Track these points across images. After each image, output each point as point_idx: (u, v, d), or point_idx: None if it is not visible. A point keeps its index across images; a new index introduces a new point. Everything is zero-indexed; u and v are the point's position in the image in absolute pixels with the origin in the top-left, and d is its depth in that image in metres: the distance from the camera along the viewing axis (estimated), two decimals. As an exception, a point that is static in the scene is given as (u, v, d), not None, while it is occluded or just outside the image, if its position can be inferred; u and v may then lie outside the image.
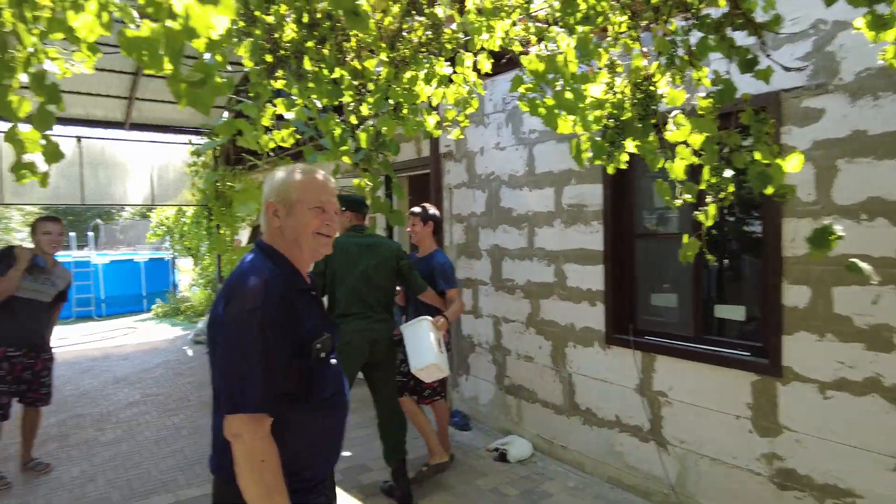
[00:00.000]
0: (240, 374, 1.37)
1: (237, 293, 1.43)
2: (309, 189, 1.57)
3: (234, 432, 1.36)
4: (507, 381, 4.58)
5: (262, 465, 1.34)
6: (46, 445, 4.71)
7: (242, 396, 1.35)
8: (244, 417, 1.35)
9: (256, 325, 1.38)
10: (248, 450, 1.34)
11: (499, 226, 4.59)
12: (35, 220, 4.32)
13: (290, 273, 1.55)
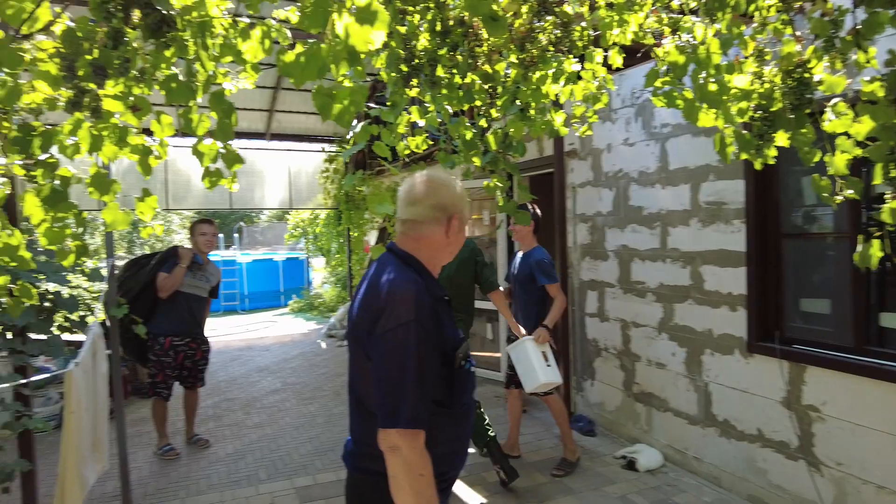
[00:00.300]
0: (398, 389, 1.37)
1: (391, 305, 1.42)
2: (463, 202, 1.62)
3: (391, 445, 1.36)
4: (635, 387, 4.40)
5: (421, 479, 1.35)
6: (206, 424, 5.29)
7: (401, 410, 1.36)
8: (402, 431, 1.35)
9: (413, 339, 1.39)
10: (406, 463, 1.35)
11: (627, 225, 4.42)
12: (192, 222, 4.86)
13: (431, 281, 1.58)
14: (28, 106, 1.55)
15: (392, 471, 1.37)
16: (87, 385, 2.80)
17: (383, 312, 1.42)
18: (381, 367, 1.40)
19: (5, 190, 1.71)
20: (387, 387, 1.38)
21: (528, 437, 4.60)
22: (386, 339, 1.40)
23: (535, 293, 4.02)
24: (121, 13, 1.40)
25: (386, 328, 1.40)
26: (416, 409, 1.36)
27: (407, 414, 1.36)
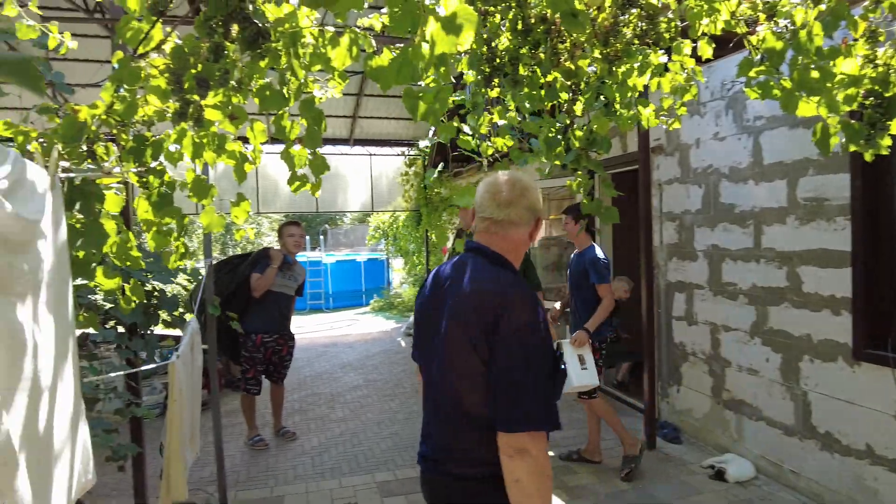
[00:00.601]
0: (528, 391, 1.36)
1: (510, 307, 1.41)
2: (540, 202, 1.63)
3: (519, 447, 1.34)
4: (725, 394, 4.18)
5: (548, 480, 1.35)
6: (292, 417, 5.54)
7: (532, 413, 1.35)
8: (534, 434, 1.34)
9: (537, 340, 1.39)
10: (536, 465, 1.33)
11: (718, 224, 4.20)
12: (281, 225, 5.11)
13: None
14: (142, 118, 1.70)
15: (517, 474, 1.34)
16: (187, 376, 3.01)
17: (503, 314, 1.40)
18: (506, 369, 1.37)
19: (122, 195, 1.88)
20: (514, 389, 1.36)
21: (608, 442, 4.48)
22: (511, 342, 1.38)
23: (589, 292, 4.01)
24: (221, 28, 1.50)
25: (510, 330, 1.38)
26: (547, 410, 1.36)
27: (538, 416, 1.35)
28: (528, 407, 1.35)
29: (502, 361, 1.38)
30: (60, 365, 1.32)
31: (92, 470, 1.55)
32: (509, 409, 1.36)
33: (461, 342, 1.46)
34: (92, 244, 1.65)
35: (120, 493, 3.79)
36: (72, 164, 1.60)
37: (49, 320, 1.25)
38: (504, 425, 1.37)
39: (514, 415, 1.35)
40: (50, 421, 1.23)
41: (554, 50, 1.90)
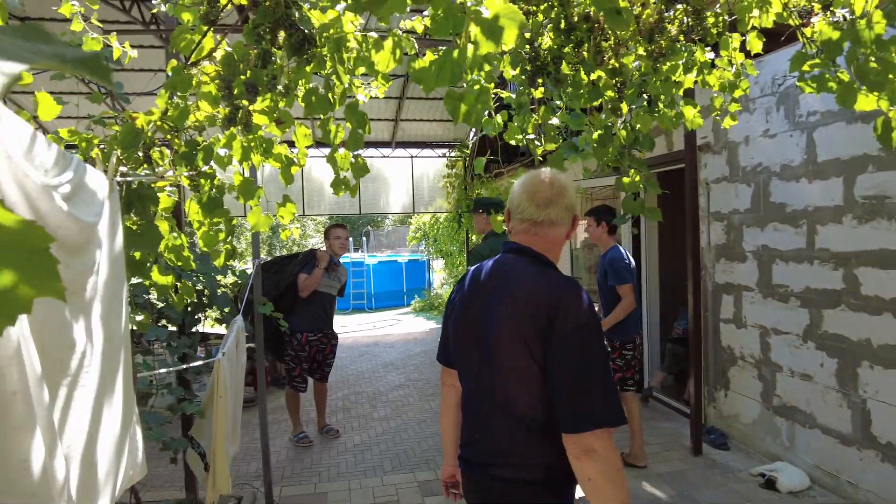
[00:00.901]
0: (589, 389, 1.35)
1: (566, 307, 1.40)
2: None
3: (586, 447, 1.33)
4: (776, 400, 4.03)
5: (619, 474, 1.35)
6: (335, 415, 5.63)
7: (594, 411, 1.34)
8: (599, 433, 1.33)
9: (596, 338, 1.39)
10: (605, 462, 1.33)
11: (768, 223, 4.06)
12: (327, 227, 5.21)
13: None
14: (194, 124, 1.77)
15: (588, 473, 1.34)
16: (231, 373, 3.10)
17: (557, 314, 1.39)
18: (566, 370, 1.37)
19: (174, 198, 1.96)
20: (576, 390, 1.36)
21: (653, 447, 4.39)
22: (570, 342, 1.37)
23: (609, 293, 4.01)
24: (269, 35, 1.54)
25: (567, 330, 1.37)
26: (608, 406, 1.35)
27: (602, 414, 1.34)
28: (591, 406, 1.34)
29: (562, 362, 1.37)
30: (111, 363, 1.36)
31: (141, 464, 1.61)
32: (572, 410, 1.36)
33: (514, 344, 1.43)
34: (147, 245, 1.72)
35: (171, 485, 3.94)
36: (129, 169, 1.68)
37: (100, 320, 1.30)
38: (568, 427, 1.36)
39: (577, 415, 1.35)
40: (97, 415, 1.27)
41: (597, 48, 1.88)
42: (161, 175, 1.72)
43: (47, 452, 0.98)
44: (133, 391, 1.57)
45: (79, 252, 1.19)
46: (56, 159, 1.11)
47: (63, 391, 1.11)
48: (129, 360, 1.52)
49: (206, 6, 1.53)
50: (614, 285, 3.95)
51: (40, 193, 0.98)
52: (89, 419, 1.22)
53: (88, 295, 1.22)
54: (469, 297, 1.63)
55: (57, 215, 1.04)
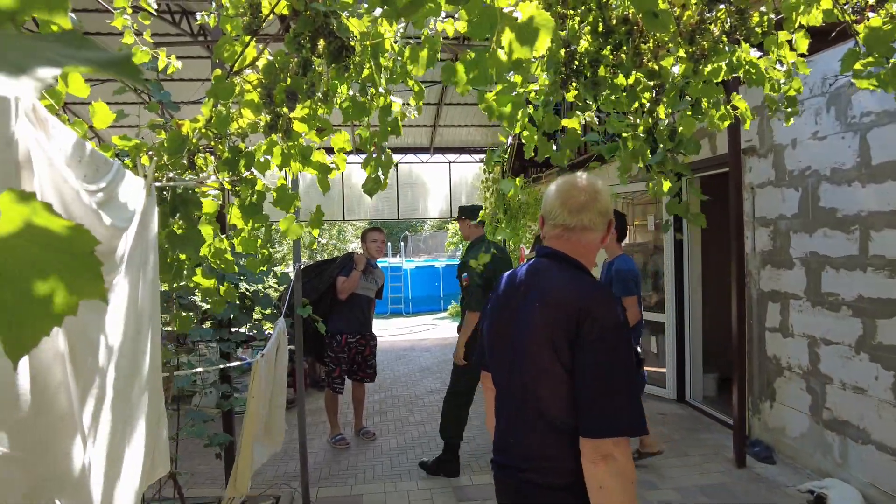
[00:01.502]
0: (615, 396, 1.35)
1: (595, 311, 1.39)
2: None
3: (605, 453, 1.32)
4: (826, 413, 3.87)
5: (632, 486, 1.34)
6: (372, 418, 5.68)
7: (620, 418, 1.33)
8: (618, 440, 1.32)
9: (624, 344, 1.37)
10: (623, 472, 1.32)
11: (817, 229, 3.91)
12: (364, 230, 5.28)
13: None
14: (236, 131, 1.82)
15: (601, 480, 1.33)
16: (269, 374, 3.16)
17: (585, 318, 1.38)
18: (591, 375, 1.36)
19: (217, 203, 2.02)
20: (600, 395, 1.35)
21: (694, 458, 4.27)
22: (595, 347, 1.36)
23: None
24: (309, 43, 1.58)
25: (593, 335, 1.37)
26: (632, 415, 1.34)
27: (626, 421, 1.33)
28: (614, 412, 1.33)
29: (587, 366, 1.37)
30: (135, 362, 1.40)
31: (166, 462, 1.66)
32: (594, 415, 1.34)
33: (543, 348, 1.44)
34: (190, 248, 1.78)
35: (213, 482, 4.04)
36: (175, 175, 1.74)
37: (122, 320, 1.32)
38: (588, 431, 1.34)
39: (599, 420, 1.34)
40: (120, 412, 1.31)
41: (636, 50, 1.86)
42: (203, 181, 1.77)
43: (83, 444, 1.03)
44: (160, 389, 1.61)
45: (105, 256, 1.24)
46: (96, 165, 1.17)
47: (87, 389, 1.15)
48: (158, 360, 1.57)
49: (249, 17, 1.58)
50: (620, 296, 3.87)
51: (75, 198, 1.02)
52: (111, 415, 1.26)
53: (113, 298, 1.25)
54: (502, 301, 1.63)
55: (88, 219, 1.09)
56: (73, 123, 1.57)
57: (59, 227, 0.42)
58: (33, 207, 0.41)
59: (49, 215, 0.42)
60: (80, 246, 0.44)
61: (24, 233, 0.41)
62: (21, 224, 0.41)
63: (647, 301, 6.19)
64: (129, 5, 1.95)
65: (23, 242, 0.41)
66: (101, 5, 3.82)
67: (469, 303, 4.25)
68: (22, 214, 0.41)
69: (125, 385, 1.34)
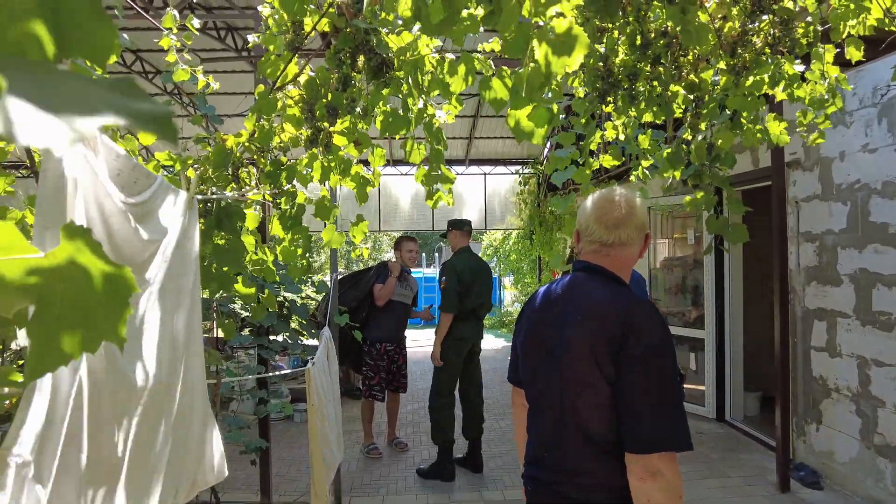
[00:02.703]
0: (659, 411, 1.34)
1: (638, 325, 1.39)
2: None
3: (654, 470, 1.32)
4: (878, 438, 3.69)
5: (679, 500, 1.33)
6: (405, 429, 5.68)
7: (665, 433, 1.33)
8: (665, 455, 1.32)
9: (669, 359, 1.37)
10: (671, 488, 1.32)
11: (867, 245, 3.76)
12: (398, 238, 5.33)
13: None
14: (278, 145, 1.88)
15: (649, 496, 1.32)
16: (324, 382, 3.20)
17: (630, 333, 1.37)
18: (637, 390, 1.36)
19: (259, 214, 2.08)
20: (646, 410, 1.34)
21: (735, 479, 4.13)
22: (641, 362, 1.35)
23: None
24: (349, 60, 1.62)
25: (639, 350, 1.36)
26: (681, 430, 1.33)
27: (672, 436, 1.33)
28: (660, 428, 1.32)
29: (632, 381, 1.36)
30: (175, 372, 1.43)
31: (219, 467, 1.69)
32: (640, 431, 1.34)
33: (584, 362, 1.43)
34: (233, 259, 1.83)
35: (248, 488, 4.11)
36: (218, 188, 1.80)
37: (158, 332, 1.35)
38: (635, 447, 1.34)
39: (645, 436, 1.33)
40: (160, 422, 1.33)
41: (675, 63, 1.84)
42: (242, 195, 1.83)
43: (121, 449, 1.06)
44: (209, 397, 1.65)
45: (138, 268, 1.27)
46: (137, 178, 1.21)
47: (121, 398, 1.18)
48: (202, 370, 1.60)
49: (292, 34, 1.63)
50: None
51: (115, 211, 1.07)
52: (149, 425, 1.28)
53: (141, 308, 1.28)
54: (539, 314, 1.62)
55: (126, 232, 1.13)
56: (124, 139, 1.64)
57: (101, 268, 0.44)
58: (79, 245, 0.43)
59: (95, 256, 0.44)
60: (120, 288, 0.45)
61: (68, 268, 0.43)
62: (66, 259, 0.43)
63: (686, 317, 6.05)
64: (175, 27, 2.04)
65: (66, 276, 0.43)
66: (152, 24, 3.99)
67: (444, 304, 4.59)
68: (71, 250, 0.43)
69: (167, 393, 1.37)
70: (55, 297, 0.43)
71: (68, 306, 0.44)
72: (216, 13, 6.30)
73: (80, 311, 0.45)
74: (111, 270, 0.44)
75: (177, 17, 2.04)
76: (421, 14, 1.22)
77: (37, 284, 0.42)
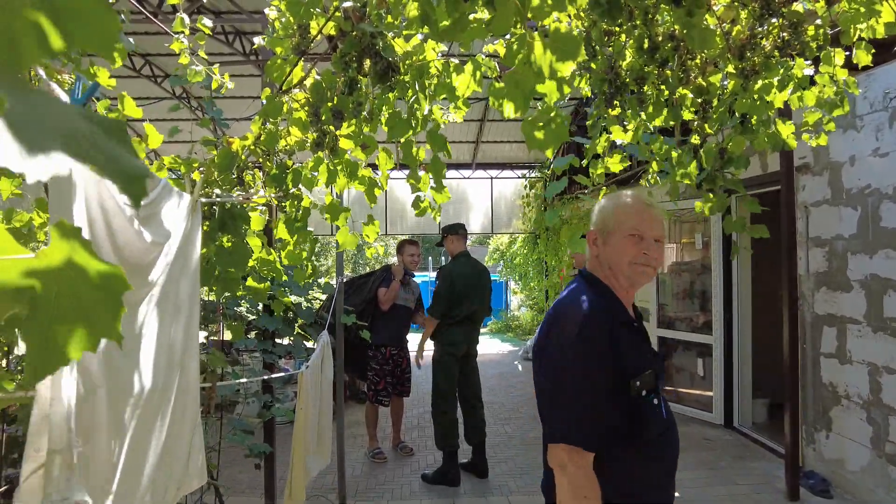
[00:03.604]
0: (560, 404, 1.39)
1: (559, 321, 1.46)
2: (624, 216, 1.52)
3: (558, 462, 1.36)
4: (889, 447, 3.64)
5: (585, 501, 1.31)
6: (410, 433, 5.66)
7: (564, 426, 1.37)
8: (567, 448, 1.35)
9: (576, 355, 1.38)
10: (571, 482, 1.34)
11: (878, 250, 3.72)
12: (400, 242, 5.32)
13: (612, 303, 1.50)
14: (284, 148, 1.88)
15: (559, 487, 1.36)
16: (315, 386, 3.20)
17: (553, 327, 1.46)
18: (545, 380, 1.44)
19: (265, 217, 2.08)
20: (550, 401, 1.42)
21: (742, 487, 4.08)
22: (550, 353, 1.44)
23: None
24: (355, 63, 1.62)
25: (551, 342, 1.45)
26: (579, 427, 1.35)
27: (570, 430, 1.36)
28: (559, 420, 1.39)
29: (541, 373, 1.46)
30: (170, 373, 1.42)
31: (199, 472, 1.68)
32: (546, 420, 1.44)
33: (535, 354, 1.53)
34: (237, 262, 1.83)
35: (252, 491, 4.10)
36: (223, 191, 1.80)
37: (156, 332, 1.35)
38: (545, 436, 1.44)
39: (548, 426, 1.42)
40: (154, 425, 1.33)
41: (683, 67, 1.82)
42: (247, 197, 1.83)
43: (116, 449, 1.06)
44: (199, 404, 1.64)
45: (139, 270, 1.27)
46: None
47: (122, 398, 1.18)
48: (196, 374, 1.59)
49: (298, 37, 1.63)
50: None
51: (117, 212, 1.07)
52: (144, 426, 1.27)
53: (140, 310, 1.28)
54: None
55: (128, 234, 1.13)
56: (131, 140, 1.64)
57: (95, 267, 0.44)
58: (74, 245, 0.43)
59: (88, 255, 0.44)
60: (114, 287, 0.45)
61: (64, 268, 0.43)
62: (62, 259, 0.43)
63: (694, 322, 6.01)
64: (186, 29, 2.04)
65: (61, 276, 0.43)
66: (161, 28, 4.02)
67: (431, 308, 4.56)
68: (64, 250, 0.43)
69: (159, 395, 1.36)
70: (50, 298, 0.42)
71: (65, 306, 0.44)
72: (224, 17, 6.34)
73: (77, 310, 0.44)
74: (104, 269, 0.44)
75: (186, 21, 2.05)
76: (429, 19, 1.22)
77: (30, 286, 0.42)
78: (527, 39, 1.05)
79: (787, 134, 2.21)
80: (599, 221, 1.57)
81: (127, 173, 0.36)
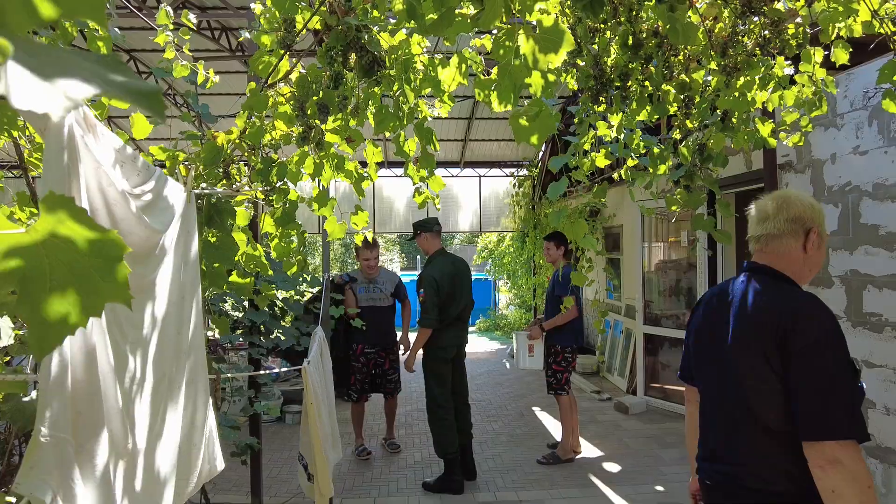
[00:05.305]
0: (838, 399, 1.38)
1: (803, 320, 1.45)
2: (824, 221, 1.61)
3: (831, 458, 1.35)
4: (870, 440, 3.70)
5: (869, 492, 1.34)
6: (398, 431, 5.67)
7: (845, 421, 1.36)
8: (844, 443, 1.35)
9: (837, 351, 1.42)
10: (853, 476, 1.33)
11: (858, 247, 3.79)
12: (357, 247, 5.27)
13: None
14: (269, 142, 1.87)
15: (832, 485, 1.34)
16: (320, 380, 3.18)
17: (792, 330, 1.43)
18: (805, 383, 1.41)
19: (251, 212, 2.07)
20: (815, 399, 1.39)
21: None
22: (806, 356, 1.41)
23: (556, 302, 4.48)
24: (341, 57, 1.62)
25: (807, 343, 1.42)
26: (855, 419, 1.36)
27: (845, 424, 1.36)
28: (831, 417, 1.36)
29: (800, 377, 1.41)
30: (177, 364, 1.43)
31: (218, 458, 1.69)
32: (811, 420, 1.39)
33: (753, 358, 1.49)
34: (224, 257, 1.83)
35: (238, 489, 4.09)
36: (209, 185, 1.79)
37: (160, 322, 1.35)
38: (807, 434, 1.38)
39: (817, 424, 1.37)
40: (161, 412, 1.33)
41: (666, 63, 1.85)
42: (236, 190, 1.82)
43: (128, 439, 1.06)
44: (209, 391, 1.65)
45: (142, 258, 1.27)
46: (140, 170, 1.21)
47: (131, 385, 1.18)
48: (204, 362, 1.60)
49: (283, 31, 1.63)
50: (560, 295, 4.33)
51: (118, 199, 1.06)
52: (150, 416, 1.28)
53: (145, 299, 1.28)
54: (709, 313, 1.71)
55: (129, 221, 1.13)
56: (116, 133, 1.63)
57: (86, 235, 0.44)
58: (62, 217, 0.43)
59: (77, 224, 0.44)
60: (111, 251, 0.45)
61: (55, 239, 0.43)
62: (51, 231, 0.43)
63: (680, 319, 6.07)
64: (170, 22, 2.03)
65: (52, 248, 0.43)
66: (145, 23, 3.98)
67: (422, 319, 4.26)
68: (53, 222, 0.43)
69: (168, 385, 1.36)
70: (43, 272, 0.43)
71: (59, 277, 0.44)
72: (210, 13, 6.29)
73: (73, 279, 0.44)
74: (96, 235, 0.44)
75: (170, 14, 2.04)
76: (415, 13, 1.23)
77: (19, 264, 0.42)
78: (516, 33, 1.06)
79: (766, 132, 2.24)
80: (820, 222, 1.61)
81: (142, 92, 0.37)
